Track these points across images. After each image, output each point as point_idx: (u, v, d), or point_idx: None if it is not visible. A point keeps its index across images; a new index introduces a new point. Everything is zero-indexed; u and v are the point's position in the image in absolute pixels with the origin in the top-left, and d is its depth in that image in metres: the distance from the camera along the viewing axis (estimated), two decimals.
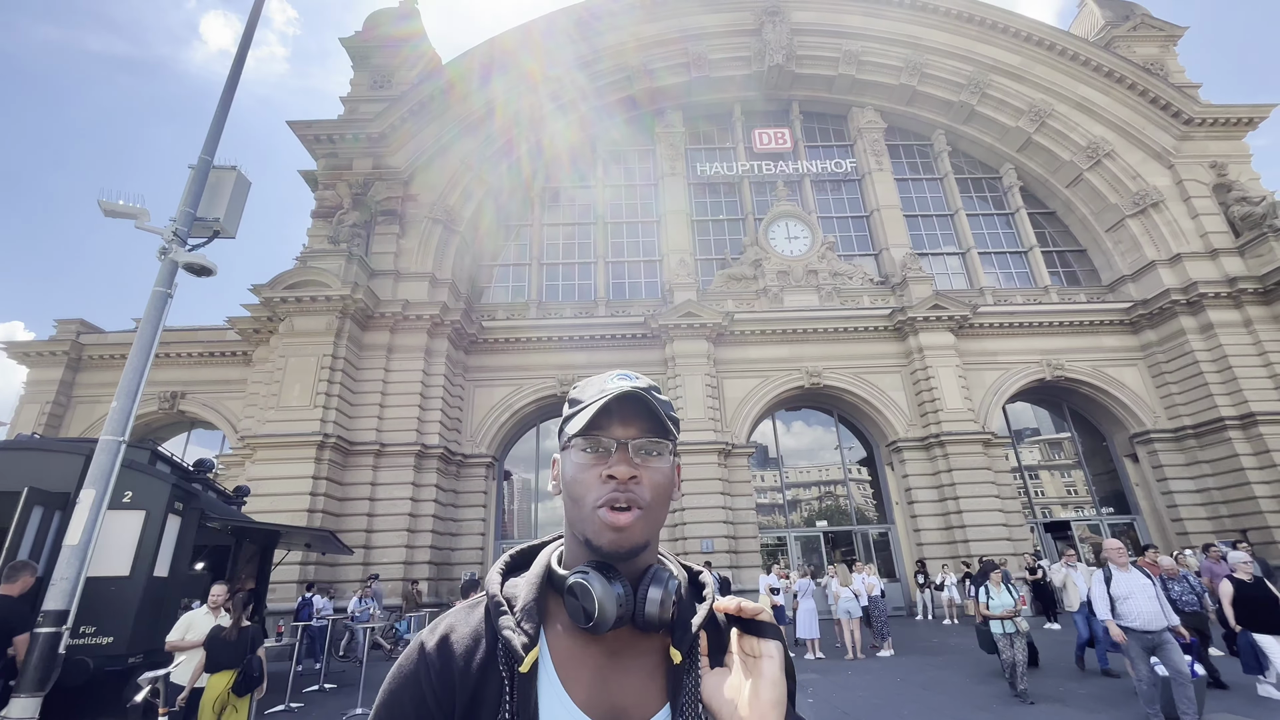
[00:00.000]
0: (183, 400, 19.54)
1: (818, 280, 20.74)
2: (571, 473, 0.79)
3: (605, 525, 0.74)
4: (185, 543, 7.58)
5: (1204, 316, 18.56)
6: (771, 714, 0.65)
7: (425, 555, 15.92)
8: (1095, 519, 19.80)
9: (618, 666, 0.73)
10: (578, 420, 0.80)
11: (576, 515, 0.78)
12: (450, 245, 19.89)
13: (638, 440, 0.78)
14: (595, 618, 0.68)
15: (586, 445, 0.79)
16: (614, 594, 0.70)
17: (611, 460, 0.77)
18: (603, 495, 0.75)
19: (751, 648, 0.69)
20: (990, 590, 8.06)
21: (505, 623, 0.72)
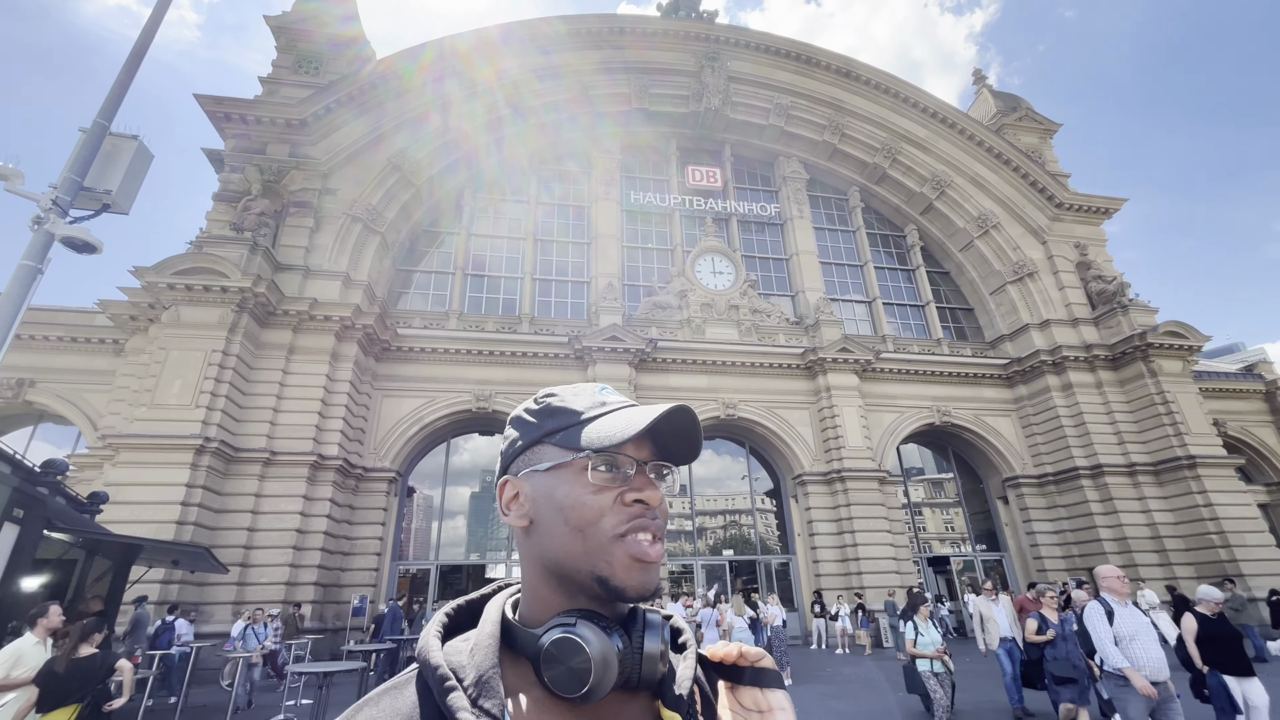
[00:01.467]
0: (31, 389, 17.07)
1: (738, 316, 21.55)
2: (576, 495, 0.64)
3: (635, 560, 0.60)
4: (23, 557, 6.54)
5: (1065, 377, 21.01)
6: None
7: (312, 575, 14.64)
8: (970, 555, 21.58)
9: None
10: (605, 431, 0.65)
11: (579, 548, 0.62)
12: (369, 246, 18.91)
13: (653, 463, 0.68)
14: (591, 682, 0.53)
15: (603, 462, 0.64)
16: (613, 648, 0.56)
17: (635, 482, 0.65)
18: (624, 521, 0.62)
19: (755, 701, 0.59)
20: (919, 626, 7.38)
21: (458, 702, 0.54)
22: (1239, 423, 24.75)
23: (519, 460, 0.70)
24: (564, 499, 0.65)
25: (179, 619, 11.42)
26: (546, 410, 0.71)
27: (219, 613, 13.22)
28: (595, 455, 0.65)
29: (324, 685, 6.56)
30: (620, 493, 0.64)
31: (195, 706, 9.77)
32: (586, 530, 0.63)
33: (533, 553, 0.67)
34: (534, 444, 0.70)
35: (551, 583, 0.64)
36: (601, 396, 0.71)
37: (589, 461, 0.65)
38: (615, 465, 0.65)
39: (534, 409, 0.71)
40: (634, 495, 0.64)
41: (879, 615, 16.73)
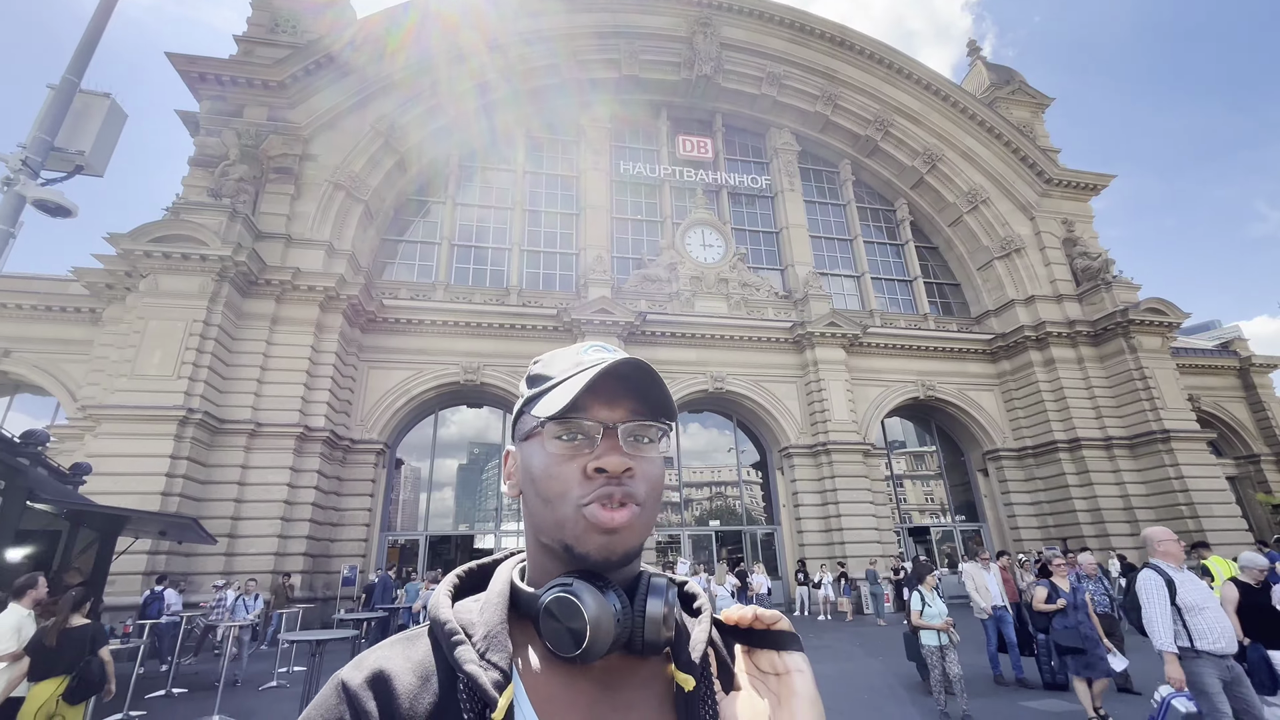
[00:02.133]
0: (6, 359, 16.68)
1: (728, 289, 21.51)
2: (542, 466, 0.63)
3: (594, 526, 0.59)
4: (5, 527, 6.48)
5: (1048, 352, 21.34)
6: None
7: (301, 546, 14.68)
8: (950, 526, 22.15)
9: (613, 704, 0.58)
10: (553, 399, 0.63)
11: (550, 518, 0.62)
12: (352, 214, 18.49)
13: (628, 424, 0.63)
14: (586, 641, 0.53)
15: (564, 431, 0.62)
16: (609, 609, 0.55)
17: (599, 449, 0.62)
18: (589, 492, 0.60)
19: (772, 664, 0.57)
20: (925, 596, 6.99)
21: (465, 655, 0.55)
22: (1212, 398, 25.40)
23: (515, 429, 0.70)
24: (535, 470, 0.64)
25: (167, 589, 11.43)
26: (530, 376, 0.71)
27: (207, 583, 13.23)
28: (552, 424, 0.63)
29: (316, 653, 6.64)
30: (585, 461, 0.62)
31: (186, 673, 9.86)
32: (553, 501, 0.62)
33: (527, 522, 0.67)
34: (520, 413, 0.70)
35: (546, 551, 0.64)
36: (580, 357, 0.68)
37: (546, 430, 0.64)
38: (579, 432, 0.63)
39: (528, 374, 0.71)
40: (594, 464, 0.61)
41: (860, 583, 17.19)
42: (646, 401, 0.65)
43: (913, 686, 7.84)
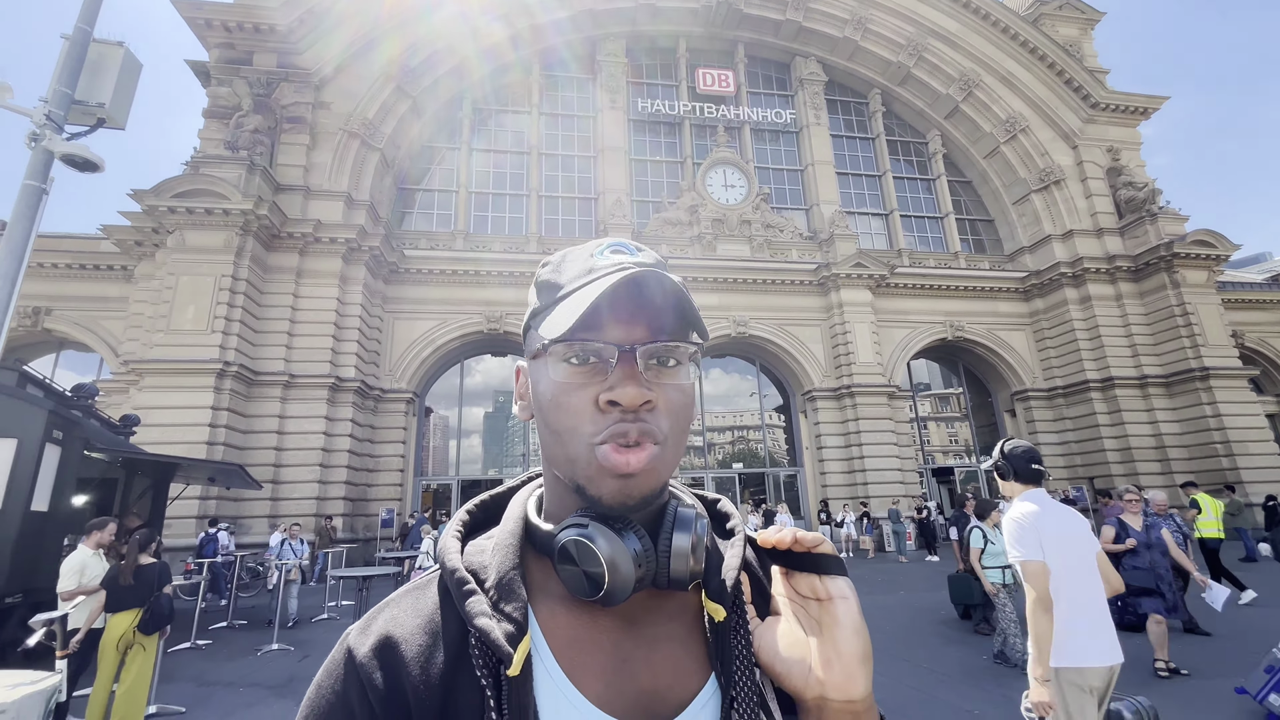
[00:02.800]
0: (48, 317, 17.24)
1: (750, 231, 20.99)
2: (549, 395, 0.54)
3: (607, 470, 0.51)
4: (67, 475, 6.84)
5: (1084, 289, 20.59)
6: (860, 671, 0.48)
7: (340, 491, 15.34)
8: (974, 466, 22.14)
9: (639, 640, 0.54)
10: (559, 316, 0.53)
11: (561, 454, 0.54)
12: (368, 163, 18.27)
13: (649, 345, 0.54)
14: (605, 587, 0.49)
15: (572, 354, 0.53)
16: (628, 552, 0.51)
17: (612, 377, 0.52)
18: (602, 429, 0.52)
19: (813, 588, 0.51)
20: (988, 534, 6.48)
21: (476, 606, 0.50)
22: (1258, 334, 24.43)
23: (524, 343, 0.61)
24: (542, 398, 0.55)
25: (220, 531, 12.11)
26: (539, 283, 0.60)
27: (256, 525, 13.99)
28: (558, 346, 0.53)
29: (363, 588, 7.02)
30: (597, 391, 0.53)
31: (244, 607, 10.57)
32: (563, 435, 0.54)
33: (543, 448, 0.59)
34: (527, 325, 0.60)
35: (562, 483, 0.57)
36: (594, 260, 0.57)
37: (551, 353, 0.54)
38: (591, 355, 0.53)
39: (535, 280, 0.61)
40: (607, 396, 0.52)
41: (883, 522, 17.45)
42: (671, 318, 0.55)
43: (948, 621, 8.05)
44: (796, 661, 0.50)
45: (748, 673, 0.52)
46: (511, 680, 0.47)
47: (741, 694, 0.51)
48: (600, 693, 0.50)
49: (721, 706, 0.51)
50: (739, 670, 0.52)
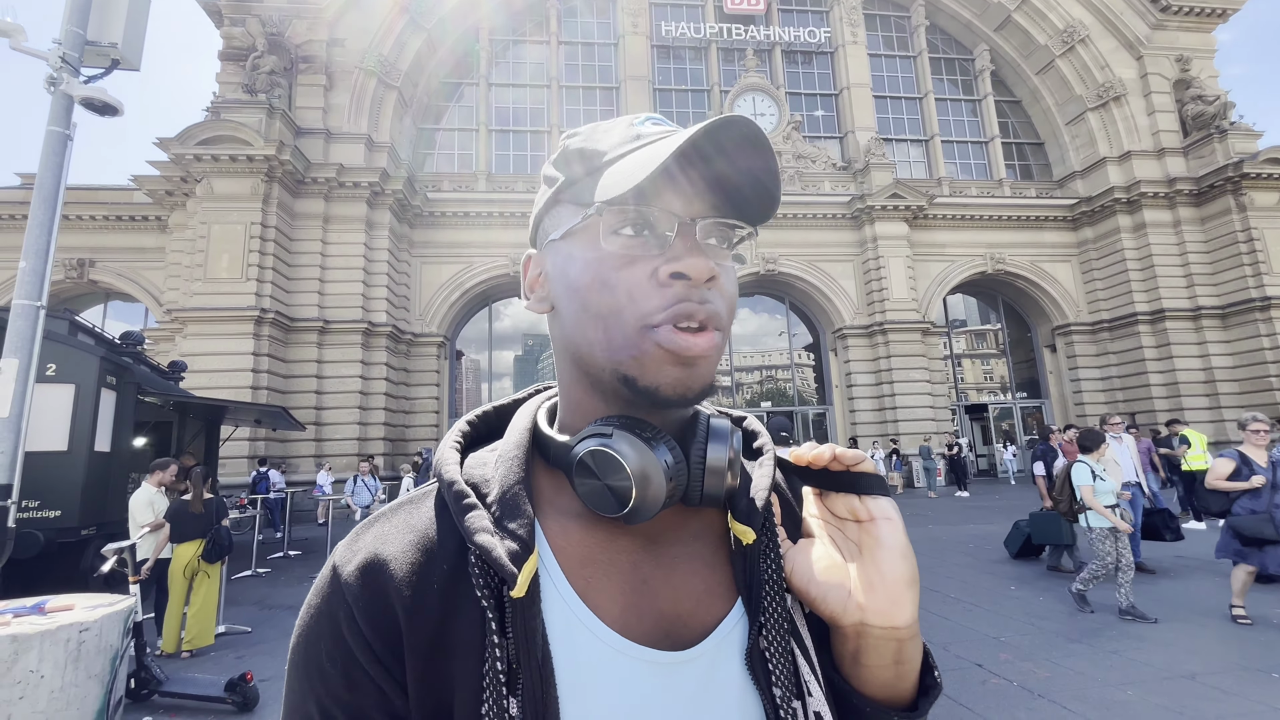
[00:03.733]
0: (93, 269, 17.80)
1: (781, 163, 20.09)
2: (593, 271, 0.47)
3: (671, 354, 0.45)
4: (124, 418, 7.21)
5: (1139, 216, 19.35)
6: (906, 596, 0.44)
7: (379, 432, 15.93)
8: (1008, 403, 21.73)
9: (660, 561, 0.49)
10: (615, 178, 0.45)
11: (602, 341, 0.47)
12: (386, 103, 17.87)
13: (707, 220, 0.48)
14: (632, 503, 0.44)
15: (628, 223, 0.46)
16: (659, 463, 0.45)
17: (673, 249, 0.46)
18: (661, 307, 0.45)
19: (851, 509, 0.47)
20: (1096, 470, 5.52)
21: (477, 522, 0.45)
22: None
23: (540, 228, 0.54)
24: (579, 277, 0.48)
25: (270, 470, 12.77)
26: (565, 155, 0.51)
27: (304, 464, 14.71)
28: (610, 211, 0.46)
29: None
30: (654, 265, 0.46)
31: (298, 539, 11.27)
32: (609, 318, 0.46)
33: (559, 345, 0.53)
34: (552, 204, 0.52)
35: (584, 382, 0.51)
36: (637, 129, 0.50)
37: (603, 221, 0.46)
38: (646, 224, 0.46)
39: (554, 157, 0.53)
40: (671, 267, 0.45)
41: (913, 459, 17.42)
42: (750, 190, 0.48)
43: (1001, 560, 8.10)
44: (834, 585, 0.46)
45: (778, 598, 0.48)
46: (516, 602, 0.43)
47: (771, 620, 0.47)
48: (617, 616, 0.46)
49: (749, 633, 0.47)
50: (768, 595, 0.48)
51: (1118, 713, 3.35)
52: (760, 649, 0.46)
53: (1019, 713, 3.39)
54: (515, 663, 0.42)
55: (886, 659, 0.46)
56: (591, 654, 0.44)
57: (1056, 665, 4.10)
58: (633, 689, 0.43)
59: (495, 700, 0.40)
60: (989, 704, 3.51)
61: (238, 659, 4.87)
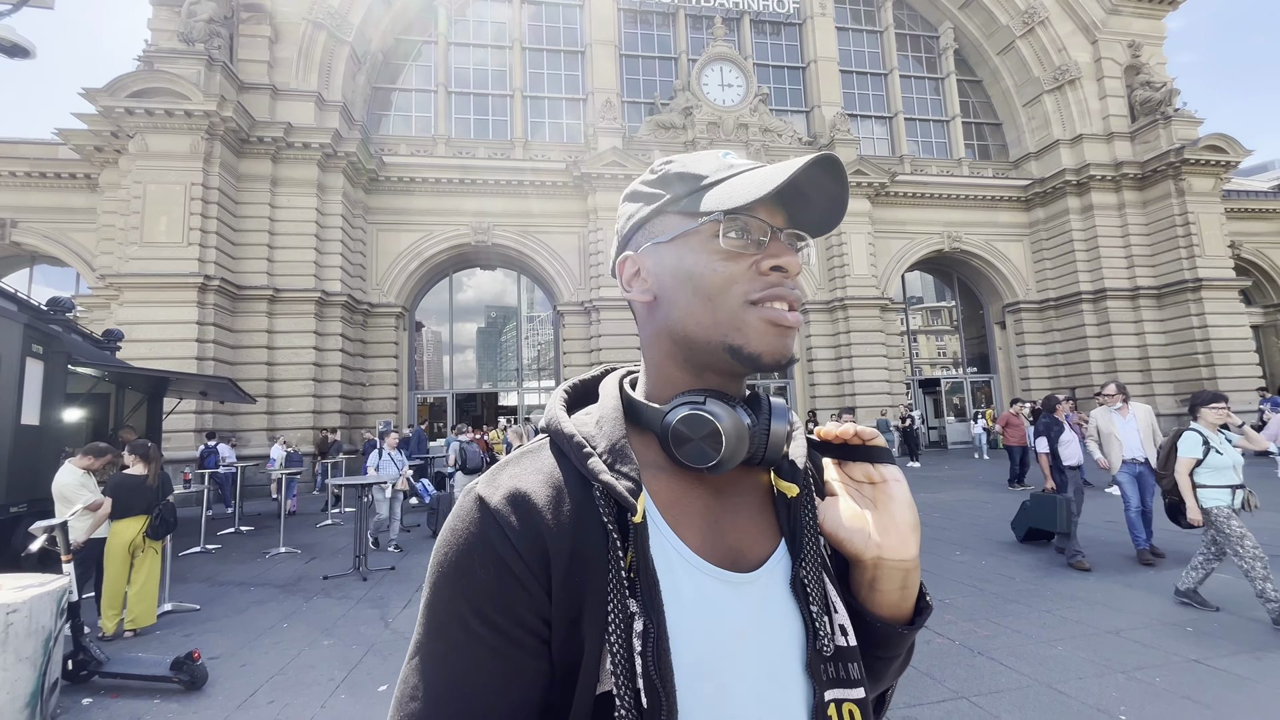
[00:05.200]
0: (15, 229, 16.53)
1: (748, 135, 19.99)
2: (706, 262, 0.60)
3: (772, 326, 0.59)
4: (54, 389, 6.78)
5: (1087, 198, 20.08)
6: (912, 538, 0.59)
7: (336, 405, 15.48)
8: (960, 378, 22.57)
9: (725, 506, 0.62)
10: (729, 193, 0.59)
11: (710, 318, 0.60)
12: (338, 59, 16.90)
13: (787, 230, 0.63)
14: (722, 454, 0.56)
15: (734, 229, 0.60)
16: (743, 425, 0.58)
17: (769, 249, 0.60)
18: (762, 287, 0.59)
19: (866, 474, 0.61)
20: (1211, 440, 4.58)
21: (597, 466, 0.57)
22: (1255, 244, 24.22)
23: (639, 234, 0.66)
24: (692, 267, 0.61)
25: (219, 444, 12.30)
26: (665, 178, 0.65)
27: (255, 438, 14.21)
28: (725, 219, 0.59)
29: (363, 495, 7.23)
30: (755, 260, 0.60)
31: (250, 514, 10.95)
32: (716, 299, 0.60)
33: (657, 328, 0.65)
34: (655, 215, 0.65)
35: (678, 358, 0.64)
36: (727, 160, 0.64)
37: (719, 226, 0.60)
38: (748, 230, 0.60)
39: (651, 179, 0.66)
40: (771, 262, 0.60)
41: None
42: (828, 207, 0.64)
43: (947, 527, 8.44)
44: (858, 530, 0.60)
45: (814, 539, 0.61)
46: (636, 526, 0.55)
47: (808, 555, 0.60)
48: (697, 544, 0.59)
49: (791, 565, 0.60)
50: (806, 537, 0.61)
51: (1049, 666, 3.58)
52: (800, 577, 0.59)
53: (959, 669, 3.58)
54: (634, 571, 0.54)
55: (895, 585, 0.60)
56: (681, 570, 0.57)
57: (996, 625, 4.34)
58: (712, 597, 0.56)
59: (619, 599, 0.52)
60: (933, 662, 3.70)
61: (185, 637, 4.72)
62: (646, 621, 0.52)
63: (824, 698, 0.56)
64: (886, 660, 0.62)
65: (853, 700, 0.57)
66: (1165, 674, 3.42)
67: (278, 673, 3.96)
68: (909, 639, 0.61)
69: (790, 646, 0.58)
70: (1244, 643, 3.84)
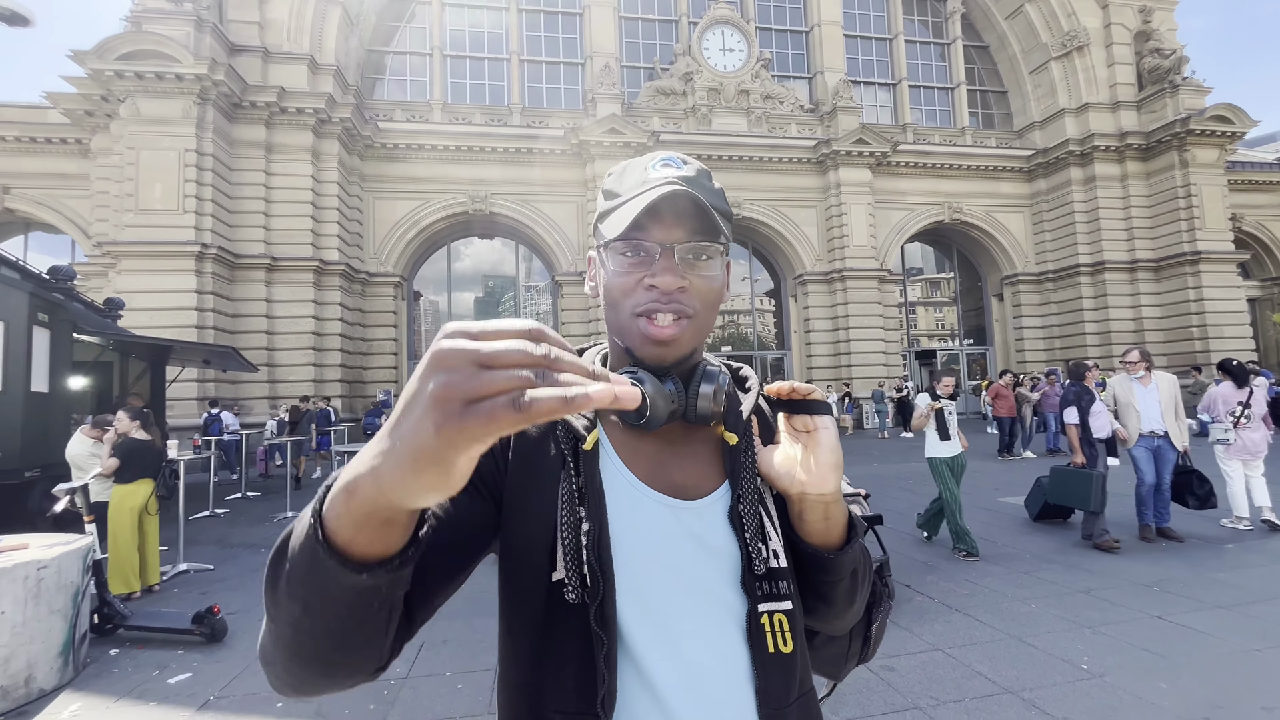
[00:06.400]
0: (8, 196, 16.39)
1: (749, 102, 19.68)
2: (609, 277, 0.71)
3: (646, 338, 0.68)
4: (60, 357, 6.89)
5: (1091, 169, 19.91)
6: (831, 475, 0.66)
7: (336, 374, 15.62)
8: (956, 349, 22.73)
9: (673, 453, 0.73)
10: (615, 220, 0.69)
11: (616, 321, 0.72)
12: (330, 20, 16.50)
13: (685, 244, 0.68)
14: (647, 415, 0.66)
15: (627, 249, 0.69)
16: (665, 392, 0.68)
17: (655, 268, 0.68)
18: (642, 302, 0.68)
19: (804, 424, 0.69)
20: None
21: None
22: (1256, 217, 24.10)
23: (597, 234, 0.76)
24: (604, 277, 0.72)
25: (223, 411, 12.46)
26: (603, 190, 0.75)
27: (257, 406, 14.38)
28: (615, 243, 0.69)
29: None
30: (642, 277, 0.69)
31: (254, 479, 11.18)
32: (616, 307, 0.71)
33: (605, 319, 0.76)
34: (595, 224, 0.76)
35: (619, 346, 0.75)
36: (647, 174, 0.71)
37: (611, 248, 0.70)
38: (638, 250, 0.69)
39: (602, 188, 0.76)
40: (649, 280, 0.68)
41: (864, 402, 18.21)
42: (702, 223, 0.69)
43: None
44: (786, 470, 0.68)
45: (751, 480, 0.71)
46: (585, 453, 0.67)
47: (745, 492, 0.70)
48: (644, 476, 0.70)
49: (730, 499, 0.70)
50: (745, 477, 0.71)
51: (1021, 621, 3.80)
52: (738, 510, 0.69)
53: (936, 624, 3.80)
54: (584, 488, 0.65)
55: (819, 516, 0.69)
56: (628, 493, 0.68)
57: (975, 585, 4.56)
58: (649, 513, 0.68)
59: (571, 508, 0.65)
60: (912, 618, 3.91)
61: (202, 595, 4.93)
62: (591, 524, 0.63)
63: (757, 608, 0.66)
64: (829, 584, 0.71)
65: (781, 611, 0.68)
66: (1128, 629, 3.63)
67: None
68: (839, 563, 0.70)
69: (727, 566, 0.68)
70: (1206, 601, 4.06)
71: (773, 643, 0.66)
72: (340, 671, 0.53)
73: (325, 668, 0.52)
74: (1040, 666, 3.19)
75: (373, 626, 0.51)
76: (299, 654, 0.51)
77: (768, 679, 0.65)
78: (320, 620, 0.48)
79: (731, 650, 0.65)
